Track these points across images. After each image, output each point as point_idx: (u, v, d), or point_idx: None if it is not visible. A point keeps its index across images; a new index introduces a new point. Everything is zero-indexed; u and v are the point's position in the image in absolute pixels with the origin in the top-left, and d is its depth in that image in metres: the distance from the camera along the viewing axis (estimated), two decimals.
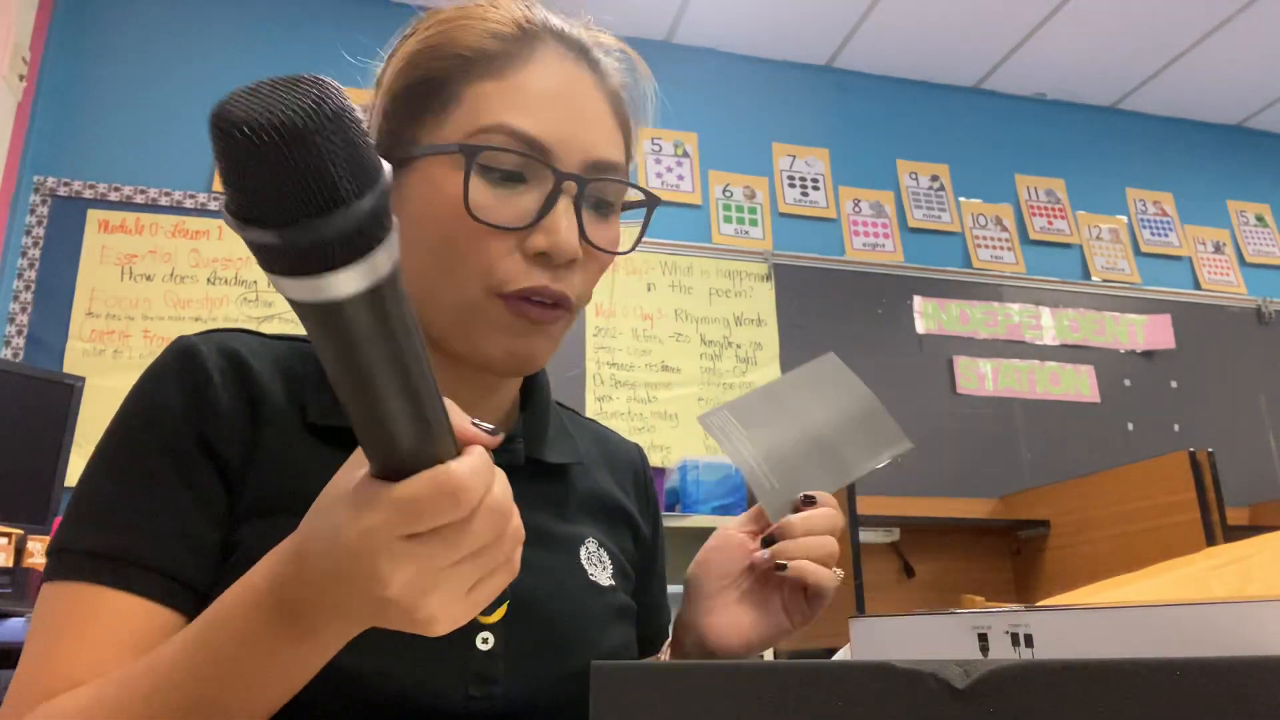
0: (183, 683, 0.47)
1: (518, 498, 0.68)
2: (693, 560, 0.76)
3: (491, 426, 0.43)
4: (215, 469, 0.59)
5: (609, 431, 0.84)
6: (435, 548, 0.40)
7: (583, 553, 0.70)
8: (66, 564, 0.56)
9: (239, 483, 0.60)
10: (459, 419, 0.41)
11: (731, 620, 0.72)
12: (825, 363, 0.70)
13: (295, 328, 0.74)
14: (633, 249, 0.67)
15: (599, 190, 0.64)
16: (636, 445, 0.84)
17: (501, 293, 0.61)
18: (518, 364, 0.64)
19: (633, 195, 0.68)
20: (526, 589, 0.62)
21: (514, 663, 0.61)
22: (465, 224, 0.60)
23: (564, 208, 0.61)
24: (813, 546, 0.69)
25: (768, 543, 0.72)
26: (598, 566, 0.70)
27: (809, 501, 0.72)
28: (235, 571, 0.54)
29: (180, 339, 0.63)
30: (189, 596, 0.56)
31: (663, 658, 0.79)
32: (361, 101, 0.76)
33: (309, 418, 0.63)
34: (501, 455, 0.68)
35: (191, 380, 0.60)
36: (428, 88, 0.64)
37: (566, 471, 0.73)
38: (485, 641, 0.60)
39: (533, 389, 0.75)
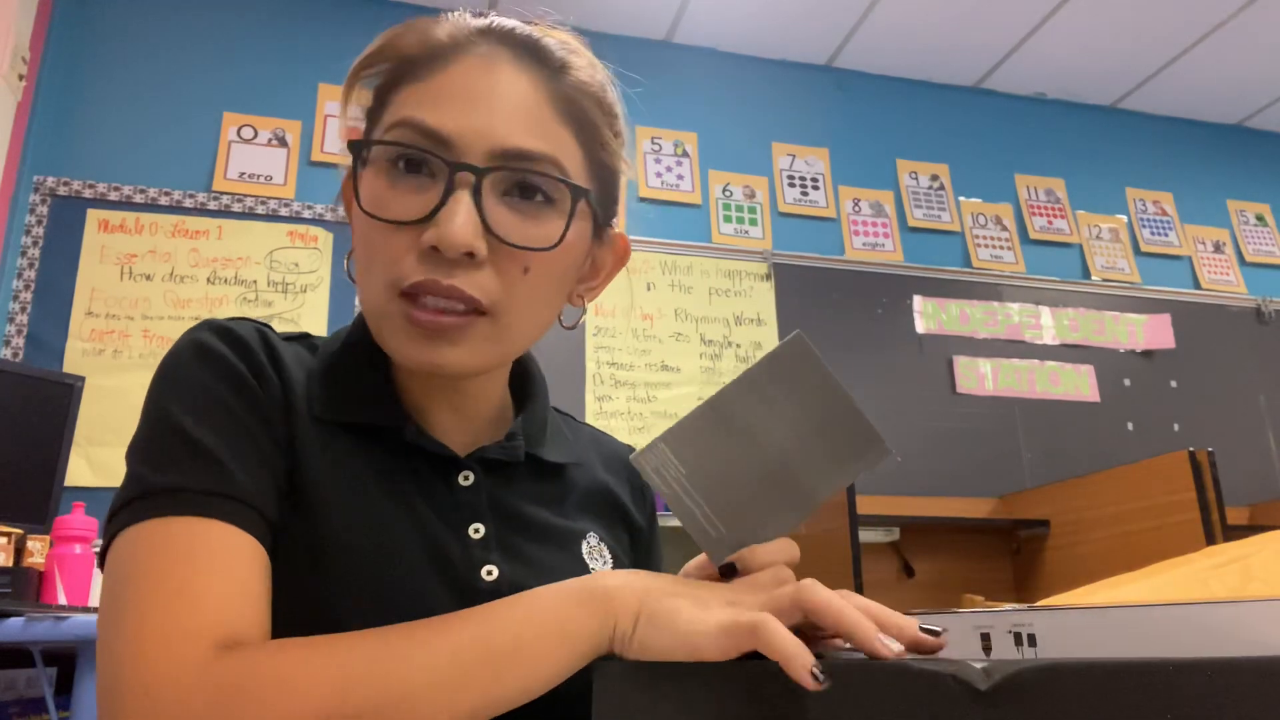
0: (490, 633, 0.51)
1: (519, 493, 0.69)
2: None
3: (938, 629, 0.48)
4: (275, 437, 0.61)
5: (604, 434, 0.86)
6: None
7: (584, 547, 0.71)
8: (184, 501, 0.54)
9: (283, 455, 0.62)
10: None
11: None
12: (789, 351, 0.53)
13: (294, 328, 0.74)
14: (557, 244, 0.61)
15: (508, 181, 0.61)
16: (631, 447, 0.86)
17: (400, 290, 0.60)
18: (427, 370, 0.62)
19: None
20: (531, 582, 0.62)
21: None
22: (370, 223, 0.61)
23: (459, 199, 0.58)
24: None
25: None
26: (598, 561, 0.72)
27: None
28: None
29: (211, 320, 0.64)
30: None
31: None
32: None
33: (314, 410, 0.64)
34: (502, 451, 0.69)
35: (244, 355, 0.62)
36: (372, 97, 0.65)
37: (564, 470, 0.75)
38: None
39: (528, 389, 0.76)
